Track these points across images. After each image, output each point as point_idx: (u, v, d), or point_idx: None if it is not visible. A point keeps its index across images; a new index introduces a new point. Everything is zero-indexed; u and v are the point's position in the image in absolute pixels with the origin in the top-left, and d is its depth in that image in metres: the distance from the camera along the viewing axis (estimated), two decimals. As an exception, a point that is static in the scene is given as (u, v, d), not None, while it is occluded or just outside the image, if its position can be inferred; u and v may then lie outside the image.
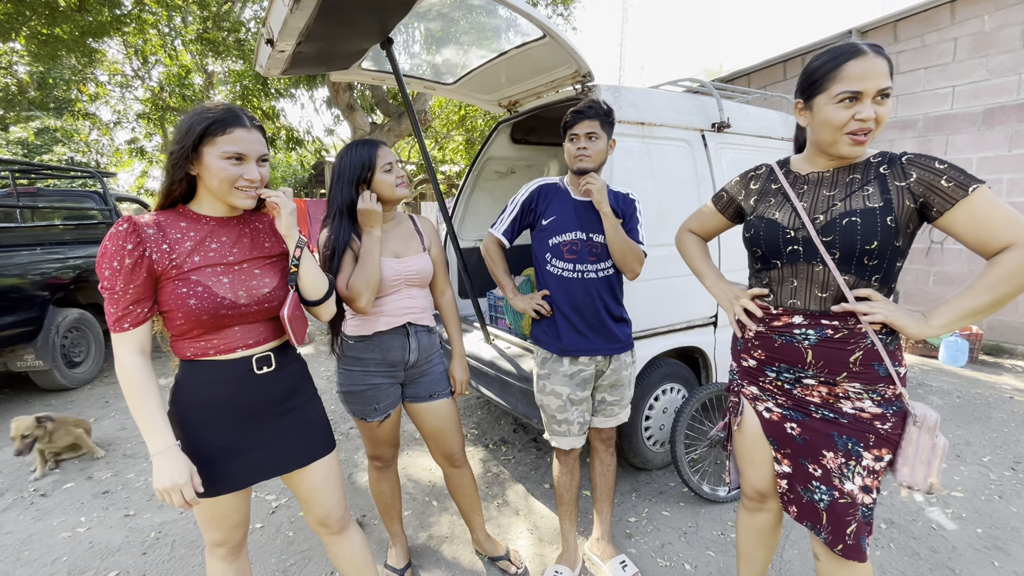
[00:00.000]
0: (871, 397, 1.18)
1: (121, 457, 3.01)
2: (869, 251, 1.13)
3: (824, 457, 1.24)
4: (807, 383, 1.25)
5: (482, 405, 3.71)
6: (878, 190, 1.14)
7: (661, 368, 2.50)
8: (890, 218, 1.12)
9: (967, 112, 4.87)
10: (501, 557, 2.02)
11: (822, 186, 1.24)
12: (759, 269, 1.35)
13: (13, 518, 2.41)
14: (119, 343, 1.10)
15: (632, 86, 2.45)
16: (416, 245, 1.74)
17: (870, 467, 1.18)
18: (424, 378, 1.76)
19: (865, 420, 1.19)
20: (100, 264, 1.07)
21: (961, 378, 4.22)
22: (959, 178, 1.05)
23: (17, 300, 3.77)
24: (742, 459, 1.48)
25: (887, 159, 1.17)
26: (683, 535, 2.20)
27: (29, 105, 10.63)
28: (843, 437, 1.21)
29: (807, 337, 1.23)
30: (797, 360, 1.25)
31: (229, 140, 1.11)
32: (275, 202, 1.21)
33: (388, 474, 1.90)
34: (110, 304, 1.09)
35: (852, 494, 1.20)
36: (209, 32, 6.85)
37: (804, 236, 1.22)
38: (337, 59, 2.43)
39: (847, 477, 1.20)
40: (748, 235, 1.35)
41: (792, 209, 1.26)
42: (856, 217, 1.14)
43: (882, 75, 1.08)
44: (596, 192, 1.68)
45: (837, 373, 1.20)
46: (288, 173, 17.82)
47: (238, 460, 1.23)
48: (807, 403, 1.26)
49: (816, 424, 1.25)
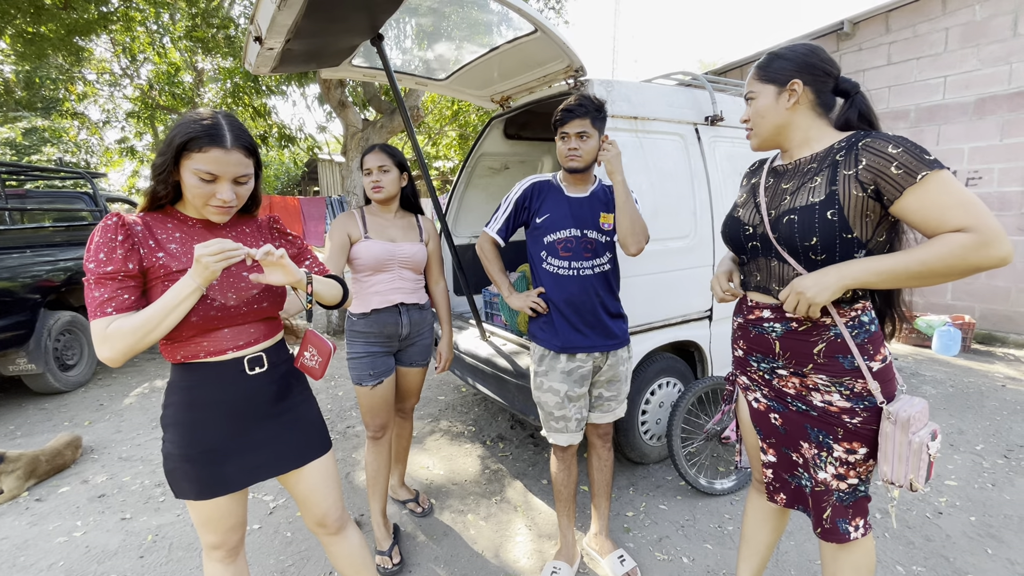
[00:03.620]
0: (839, 391, 1.17)
1: (117, 460, 2.99)
2: (811, 246, 1.12)
3: (802, 447, 1.27)
4: (781, 374, 1.27)
5: (479, 402, 3.71)
6: (826, 181, 1.12)
7: (657, 363, 2.51)
8: (831, 212, 1.09)
9: (959, 102, 4.88)
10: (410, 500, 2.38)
11: (783, 179, 1.24)
12: (740, 263, 1.39)
13: (8, 523, 2.40)
14: (99, 325, 1.03)
15: (625, 80, 2.44)
16: (414, 236, 2.03)
17: (842, 458, 1.19)
18: (412, 348, 2.07)
19: (833, 414, 1.19)
20: (89, 253, 1.05)
21: (954, 367, 4.25)
22: (910, 164, 1.00)
23: (8, 303, 3.73)
24: (746, 445, 1.52)
25: (848, 144, 1.12)
26: (680, 528, 2.21)
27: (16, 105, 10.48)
28: (815, 429, 1.22)
29: (774, 329, 1.25)
30: (768, 351, 1.27)
31: (203, 159, 1.07)
32: (267, 266, 1.12)
33: (379, 446, 2.04)
34: (96, 289, 1.04)
35: (826, 482, 1.22)
36: (198, 29, 6.75)
37: (762, 232, 1.22)
38: (327, 56, 2.40)
39: (819, 467, 1.22)
40: (722, 232, 1.39)
41: (755, 204, 1.27)
42: (794, 215, 1.14)
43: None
44: (610, 160, 1.67)
45: (804, 364, 1.21)
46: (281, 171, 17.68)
47: (234, 462, 1.22)
48: (784, 394, 1.28)
49: (792, 416, 1.27)
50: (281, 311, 1.35)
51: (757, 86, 1.23)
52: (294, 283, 1.17)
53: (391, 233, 1.97)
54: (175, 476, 1.20)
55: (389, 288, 1.96)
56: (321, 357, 1.29)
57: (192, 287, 1.05)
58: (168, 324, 1.06)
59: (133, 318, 1.04)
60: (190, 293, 1.05)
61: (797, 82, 1.17)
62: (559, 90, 2.55)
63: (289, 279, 1.15)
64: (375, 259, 1.92)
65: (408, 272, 2.00)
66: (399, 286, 1.98)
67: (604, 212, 1.79)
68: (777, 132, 1.23)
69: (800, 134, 1.22)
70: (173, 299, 1.05)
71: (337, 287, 1.38)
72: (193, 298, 1.07)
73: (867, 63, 5.47)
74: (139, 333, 1.03)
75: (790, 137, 1.23)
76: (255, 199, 1.26)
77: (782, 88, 1.19)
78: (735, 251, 1.36)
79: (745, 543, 1.59)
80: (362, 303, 1.95)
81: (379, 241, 1.93)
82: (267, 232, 1.34)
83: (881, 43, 5.35)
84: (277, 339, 1.31)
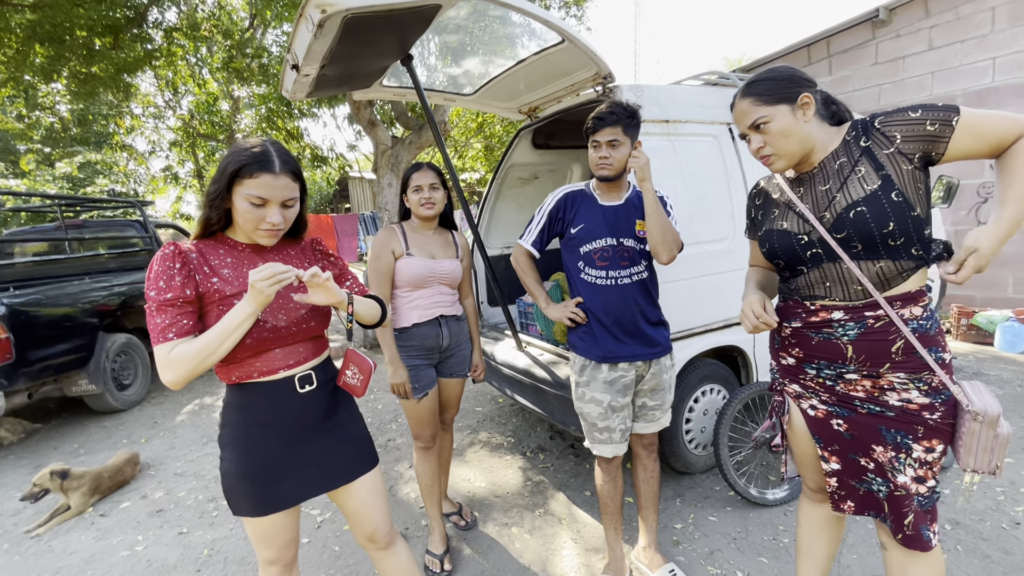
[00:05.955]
0: (917, 387, 1.15)
1: (172, 476, 3.11)
2: (889, 232, 1.12)
3: (874, 451, 1.22)
4: (849, 378, 1.23)
5: (516, 412, 3.69)
6: (871, 167, 1.14)
7: (700, 369, 2.44)
8: (894, 193, 1.11)
9: (1011, 84, 4.62)
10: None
11: (816, 182, 1.24)
12: (788, 277, 1.34)
13: (76, 538, 2.52)
14: (162, 351, 1.08)
15: (654, 83, 2.41)
16: (451, 252, 2.08)
17: (921, 459, 1.16)
18: (451, 359, 2.10)
19: (913, 411, 1.16)
20: (149, 281, 1.11)
21: (1021, 365, 3.98)
22: (939, 116, 1.07)
23: (70, 328, 3.96)
24: (796, 457, 1.47)
25: (860, 129, 1.17)
26: (732, 541, 2.13)
27: (72, 141, 11.22)
28: (891, 431, 1.19)
29: (846, 332, 1.21)
30: (836, 356, 1.23)
31: (254, 184, 1.12)
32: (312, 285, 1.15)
33: (429, 456, 2.08)
34: (158, 315, 1.09)
35: (906, 486, 1.18)
36: (235, 61, 7.09)
37: (818, 238, 1.21)
38: (360, 78, 2.47)
39: (898, 470, 1.18)
40: (765, 250, 1.35)
41: (798, 213, 1.26)
42: (861, 206, 1.13)
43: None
44: (640, 168, 1.65)
45: (880, 365, 1.18)
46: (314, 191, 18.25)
47: (288, 478, 1.25)
48: (851, 398, 1.24)
49: (863, 419, 1.23)
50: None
51: (767, 110, 1.21)
52: (336, 303, 1.21)
53: (431, 250, 2.01)
54: (233, 494, 1.24)
55: (429, 303, 2.00)
56: (362, 375, 1.32)
57: (248, 311, 1.09)
58: (226, 347, 1.10)
59: (193, 343, 1.09)
60: (246, 317, 1.10)
61: (807, 95, 1.20)
62: (587, 98, 2.55)
63: (331, 299, 1.19)
64: (417, 276, 1.95)
65: (446, 288, 2.05)
66: (438, 300, 2.02)
67: (640, 220, 1.76)
68: (802, 147, 1.23)
69: (818, 141, 1.24)
70: (230, 324, 1.09)
71: (376, 307, 1.41)
72: (249, 322, 1.11)
73: (906, 50, 5.25)
74: (199, 357, 1.08)
75: (813, 147, 1.24)
76: (301, 223, 1.31)
77: (793, 104, 1.20)
78: (789, 265, 1.30)
79: (803, 555, 1.53)
80: (402, 318, 1.99)
81: (421, 258, 1.96)
82: (311, 254, 1.38)
83: (921, 28, 5.13)
84: (324, 357, 1.34)
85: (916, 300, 1.16)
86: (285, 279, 1.08)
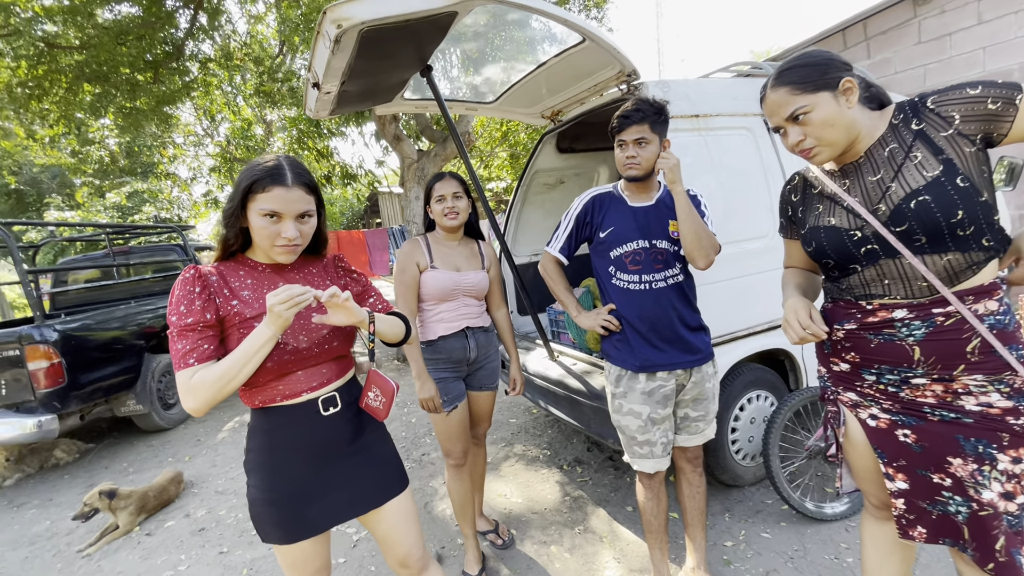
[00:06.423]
0: (998, 389, 1.02)
1: (213, 494, 3.16)
2: (958, 222, 1.00)
3: (951, 465, 1.07)
4: (916, 383, 1.10)
5: (551, 423, 3.60)
6: (929, 152, 1.03)
7: (744, 375, 2.30)
8: (959, 178, 1.00)
9: (1074, 54, 4.26)
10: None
11: (864, 172, 1.12)
12: (837, 277, 1.21)
13: (123, 558, 2.58)
14: (183, 377, 1.06)
15: (681, 78, 2.31)
16: (476, 263, 2.02)
17: (1009, 471, 1.02)
18: (480, 371, 2.05)
19: (995, 417, 1.03)
20: (171, 306, 1.10)
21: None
22: (1001, 94, 0.99)
23: (119, 351, 4.13)
24: (855, 471, 1.34)
25: (910, 111, 1.08)
26: (790, 560, 1.98)
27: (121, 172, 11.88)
28: (971, 440, 1.05)
29: (912, 332, 1.08)
30: (901, 359, 1.10)
31: (266, 198, 1.10)
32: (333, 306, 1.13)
33: (461, 473, 2.02)
34: (179, 341, 1.08)
35: (993, 503, 1.03)
36: (265, 85, 7.34)
37: (873, 232, 1.09)
38: (381, 93, 2.47)
39: (983, 485, 1.04)
40: (811, 249, 1.22)
41: (846, 208, 1.14)
42: (924, 195, 1.01)
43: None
44: (669, 170, 1.56)
45: (953, 367, 1.04)
46: (345, 207, 18.70)
47: (316, 504, 1.22)
48: (919, 405, 1.10)
49: (935, 428, 1.09)
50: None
51: (807, 99, 1.09)
52: (357, 323, 1.18)
53: (456, 262, 1.97)
54: (260, 520, 1.21)
55: (454, 315, 1.96)
56: (385, 397, 1.27)
57: (268, 335, 1.07)
58: (246, 373, 1.07)
59: (214, 369, 1.06)
60: (266, 341, 1.07)
61: (849, 79, 1.09)
62: (611, 97, 2.47)
63: (351, 320, 1.15)
64: (441, 289, 1.91)
65: (472, 300, 2.00)
66: (464, 312, 1.98)
67: (672, 220, 1.66)
68: (848, 136, 1.11)
69: (864, 127, 1.12)
70: (250, 348, 1.07)
71: (400, 324, 1.37)
72: (269, 345, 1.08)
73: (953, 25, 4.93)
74: (220, 383, 1.05)
75: (858, 135, 1.12)
76: (321, 239, 1.28)
77: (835, 90, 1.09)
78: (840, 264, 1.17)
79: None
80: (428, 331, 1.95)
81: (445, 271, 1.93)
82: (332, 271, 1.35)
83: (968, 1, 4.81)
84: (348, 377, 1.31)
85: (991, 294, 1.03)
86: (303, 301, 1.05)
